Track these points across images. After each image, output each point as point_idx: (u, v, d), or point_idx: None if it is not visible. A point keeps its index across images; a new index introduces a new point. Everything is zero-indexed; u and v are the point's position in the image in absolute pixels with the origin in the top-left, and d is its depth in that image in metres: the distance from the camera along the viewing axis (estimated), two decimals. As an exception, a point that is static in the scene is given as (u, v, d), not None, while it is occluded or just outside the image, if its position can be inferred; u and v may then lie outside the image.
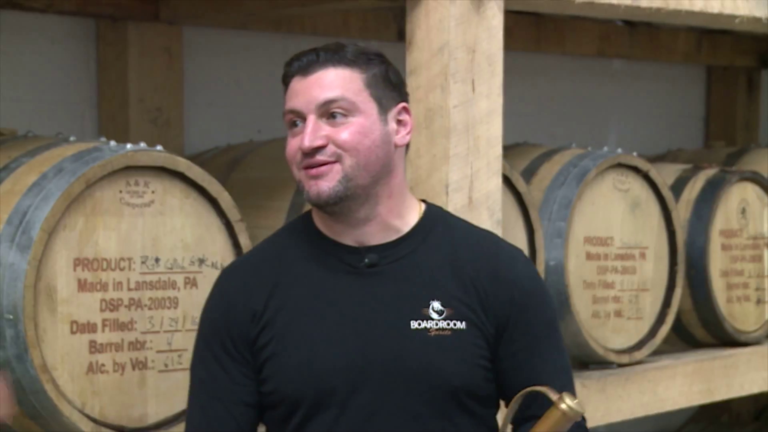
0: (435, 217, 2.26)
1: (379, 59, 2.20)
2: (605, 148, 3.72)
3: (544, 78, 4.98)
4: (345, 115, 2.12)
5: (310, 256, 2.21)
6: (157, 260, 2.64)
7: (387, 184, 2.18)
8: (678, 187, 4.02)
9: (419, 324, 2.15)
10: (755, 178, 4.16)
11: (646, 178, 3.70)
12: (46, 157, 2.61)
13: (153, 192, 2.63)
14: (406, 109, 2.21)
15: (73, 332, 2.50)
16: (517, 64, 4.04)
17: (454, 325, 2.16)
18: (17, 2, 3.45)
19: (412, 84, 2.96)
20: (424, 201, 2.30)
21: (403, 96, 2.23)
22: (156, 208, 2.64)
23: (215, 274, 2.71)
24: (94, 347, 2.54)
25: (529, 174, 3.62)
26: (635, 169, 3.67)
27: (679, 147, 5.27)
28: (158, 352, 2.64)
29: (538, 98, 4.93)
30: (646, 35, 5.19)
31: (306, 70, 2.15)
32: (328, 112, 2.12)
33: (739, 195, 4.11)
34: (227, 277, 2.29)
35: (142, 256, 2.61)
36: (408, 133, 2.21)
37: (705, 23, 4.03)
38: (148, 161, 2.61)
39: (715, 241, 4.00)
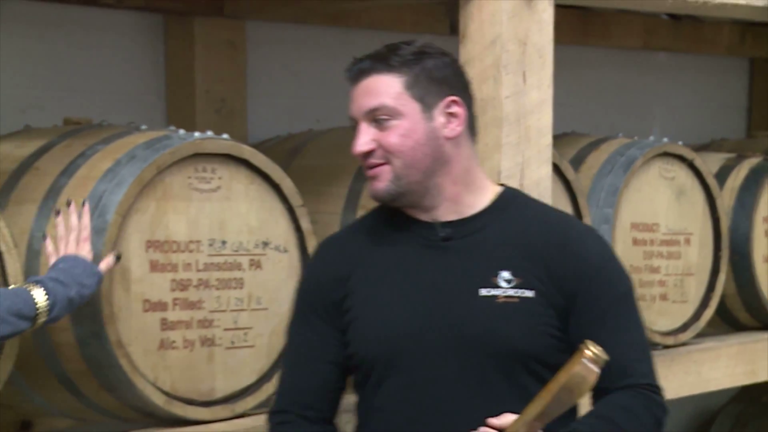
0: (510, 198, 2.29)
1: (425, 57, 2.21)
2: (651, 138, 3.70)
3: (591, 70, 4.95)
4: (388, 120, 2.17)
5: (392, 231, 2.27)
6: (223, 243, 2.66)
7: (447, 174, 2.21)
8: (722, 176, 3.99)
9: (488, 291, 2.18)
10: (798, 167, 4.12)
11: (691, 166, 3.68)
12: (119, 144, 2.64)
13: (220, 178, 2.65)
14: (455, 102, 2.22)
15: (145, 310, 2.54)
16: (565, 56, 4.02)
17: (522, 293, 2.17)
18: (92, -1, 3.51)
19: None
20: (502, 185, 2.33)
21: (453, 89, 2.23)
22: (222, 194, 2.66)
23: (278, 256, 2.76)
24: (165, 325, 2.57)
25: (577, 162, 3.61)
26: (681, 158, 3.65)
27: (722, 137, 5.21)
28: (225, 330, 2.67)
29: (585, 90, 4.90)
30: (690, 28, 5.14)
31: (356, 78, 2.23)
32: (374, 118, 2.18)
33: (782, 183, 4.07)
34: (321, 249, 2.39)
35: (209, 239, 2.64)
36: (459, 125, 2.22)
37: (749, 16, 4.00)
38: (215, 149, 2.64)
39: (759, 228, 3.97)
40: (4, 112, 3.40)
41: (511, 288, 2.18)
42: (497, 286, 2.18)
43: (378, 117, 2.18)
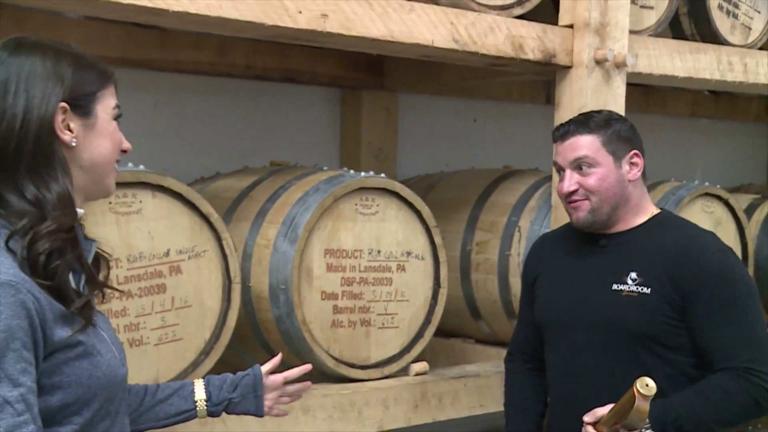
0: (661, 219, 2.23)
1: (615, 122, 2.21)
2: (696, 182, 3.54)
3: (651, 132, 4.74)
4: (589, 167, 2.17)
5: (572, 237, 2.30)
6: (378, 252, 2.65)
7: (624, 206, 2.20)
8: (749, 211, 3.78)
9: (618, 286, 2.15)
10: (809, 205, 3.88)
11: (726, 204, 3.48)
12: (307, 180, 2.66)
13: (377, 205, 2.64)
14: (636, 154, 2.20)
15: (322, 299, 2.54)
16: (632, 121, 3.91)
17: (641, 290, 2.12)
18: (292, 78, 3.54)
19: (558, 134, 2.89)
20: (662, 209, 2.28)
21: (634, 144, 2.21)
22: (379, 216, 2.64)
23: (417, 263, 2.72)
24: (336, 310, 2.57)
25: (639, 199, 3.48)
26: (718, 197, 3.46)
27: (749, 182, 4.98)
28: (378, 314, 2.65)
29: (646, 146, 4.72)
30: (727, 101, 4.94)
31: (563, 137, 2.22)
32: (578, 165, 2.18)
33: (796, 217, 3.84)
34: (531, 247, 2.45)
35: (369, 249, 2.62)
36: (639, 171, 2.21)
37: (773, 93, 3.81)
38: (375, 184, 2.63)
39: (777, 251, 3.77)
40: (230, 156, 3.47)
41: (635, 285, 2.13)
42: (625, 283, 2.14)
43: (581, 164, 2.17)
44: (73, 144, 1.43)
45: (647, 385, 1.87)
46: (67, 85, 1.42)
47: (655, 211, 2.25)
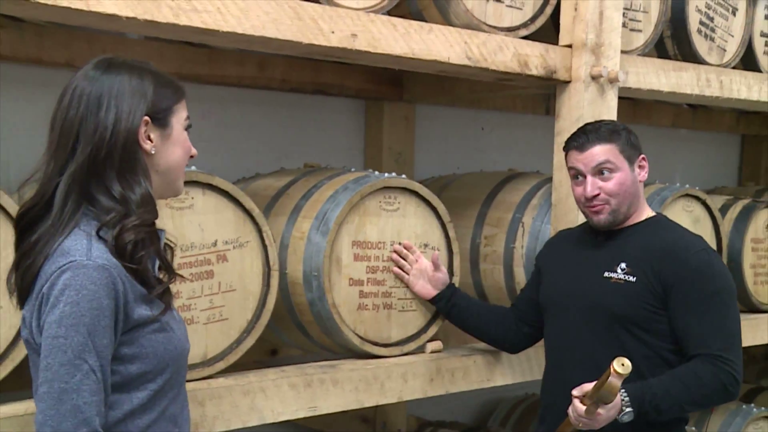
0: (655, 221, 2.21)
1: (624, 131, 2.18)
2: (677, 184, 3.48)
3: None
4: (611, 172, 2.14)
5: (579, 233, 2.31)
6: (399, 244, 2.60)
7: (634, 205, 2.18)
8: (724, 210, 3.73)
9: (608, 274, 2.13)
10: (776, 206, 3.82)
11: (704, 203, 3.41)
12: (337, 180, 2.62)
13: (398, 202, 2.59)
14: (644, 158, 2.20)
15: (350, 285, 2.50)
16: (620, 130, 3.86)
17: (627, 278, 2.10)
18: (323, 91, 3.50)
19: (558, 141, 2.82)
20: (658, 213, 2.27)
21: (640, 150, 2.20)
22: (400, 212, 2.60)
23: (434, 254, 2.68)
24: (362, 294, 2.52)
25: (627, 199, 3.42)
26: (697, 198, 3.39)
27: (723, 185, 4.93)
28: (399, 299, 2.60)
29: (631, 152, 4.70)
30: (703, 114, 4.87)
31: (582, 147, 2.17)
32: (599, 170, 2.14)
33: (764, 216, 3.74)
34: (548, 240, 2.52)
35: (391, 241, 2.58)
36: (646, 173, 2.21)
37: (744, 107, 3.76)
38: (397, 184, 2.58)
39: (747, 246, 3.67)
40: (268, 159, 3.45)
41: (623, 273, 2.11)
42: (615, 271, 2.12)
43: (603, 169, 2.13)
44: (153, 152, 1.47)
45: (623, 365, 1.84)
46: (149, 100, 1.45)
47: (651, 213, 2.23)
